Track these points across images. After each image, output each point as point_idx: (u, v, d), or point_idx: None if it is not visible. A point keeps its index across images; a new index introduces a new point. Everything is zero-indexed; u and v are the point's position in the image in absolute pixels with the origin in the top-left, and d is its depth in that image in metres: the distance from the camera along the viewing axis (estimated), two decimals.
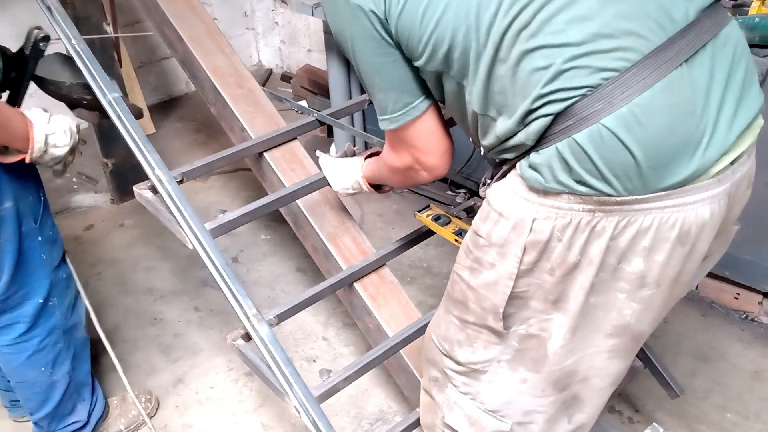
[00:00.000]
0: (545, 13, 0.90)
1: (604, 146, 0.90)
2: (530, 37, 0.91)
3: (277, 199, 1.68)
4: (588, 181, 0.92)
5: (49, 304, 1.63)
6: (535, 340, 1.10)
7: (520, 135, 0.97)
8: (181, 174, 1.62)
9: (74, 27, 1.69)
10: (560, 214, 0.96)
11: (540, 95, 0.92)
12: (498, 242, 1.03)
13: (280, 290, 2.47)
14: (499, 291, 1.05)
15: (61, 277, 1.66)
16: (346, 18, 1.04)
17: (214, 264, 1.51)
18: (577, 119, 0.91)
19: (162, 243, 2.71)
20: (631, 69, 0.90)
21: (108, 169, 2.89)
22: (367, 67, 1.09)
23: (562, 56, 0.90)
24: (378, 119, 1.16)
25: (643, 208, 0.94)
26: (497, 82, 0.96)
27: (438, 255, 2.59)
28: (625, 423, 1.92)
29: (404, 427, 1.53)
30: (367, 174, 1.48)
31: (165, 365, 2.17)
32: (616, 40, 0.90)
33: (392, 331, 1.66)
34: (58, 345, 1.69)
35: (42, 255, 1.59)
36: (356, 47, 1.07)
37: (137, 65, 3.59)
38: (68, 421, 1.79)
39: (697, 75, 0.93)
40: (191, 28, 1.98)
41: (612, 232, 0.96)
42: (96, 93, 1.62)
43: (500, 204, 1.02)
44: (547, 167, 0.95)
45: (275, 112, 1.97)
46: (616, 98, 0.89)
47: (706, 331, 2.21)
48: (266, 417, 1.98)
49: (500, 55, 0.94)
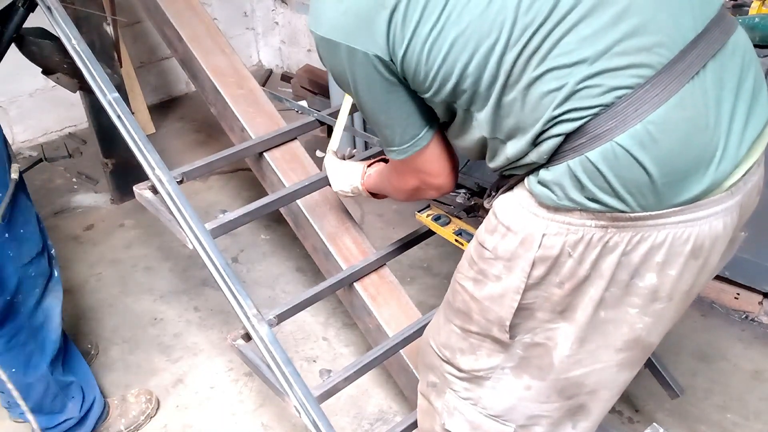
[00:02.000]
0: (555, 35, 0.88)
1: (618, 164, 0.89)
2: (541, 60, 0.89)
3: (277, 199, 1.68)
4: (601, 198, 0.91)
5: (14, 302, 1.58)
6: (541, 349, 1.08)
7: (532, 155, 0.95)
8: (181, 174, 1.62)
9: (74, 27, 1.69)
10: (571, 229, 0.95)
11: (552, 117, 0.90)
12: (505, 256, 1.01)
13: (280, 290, 2.47)
14: (505, 304, 1.04)
15: (30, 275, 1.61)
16: (347, 63, 1.01)
17: (214, 264, 1.51)
18: (590, 137, 0.90)
19: (162, 243, 2.71)
20: (644, 86, 0.88)
21: (108, 169, 2.88)
22: (372, 107, 1.07)
23: (575, 76, 0.88)
24: (384, 149, 1.15)
25: (657, 224, 0.93)
26: (507, 107, 0.94)
27: (438, 255, 2.59)
28: (625, 423, 1.92)
29: (404, 427, 1.53)
30: (369, 185, 1.48)
31: (165, 365, 2.17)
32: (629, 57, 0.88)
33: (392, 331, 1.66)
34: (27, 347, 1.63)
35: (9, 252, 1.54)
36: (360, 89, 1.04)
37: (137, 65, 3.58)
38: (60, 419, 1.77)
39: (708, 87, 0.92)
40: (191, 28, 1.98)
41: (624, 247, 0.95)
42: (96, 93, 1.62)
43: (508, 218, 1.00)
44: (558, 185, 0.93)
45: (275, 112, 1.97)
46: (630, 116, 0.88)
47: (706, 331, 2.20)
48: (266, 417, 1.98)
49: (510, 81, 0.92)
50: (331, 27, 0.99)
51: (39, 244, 1.65)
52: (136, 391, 1.99)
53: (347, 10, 0.97)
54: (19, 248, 1.58)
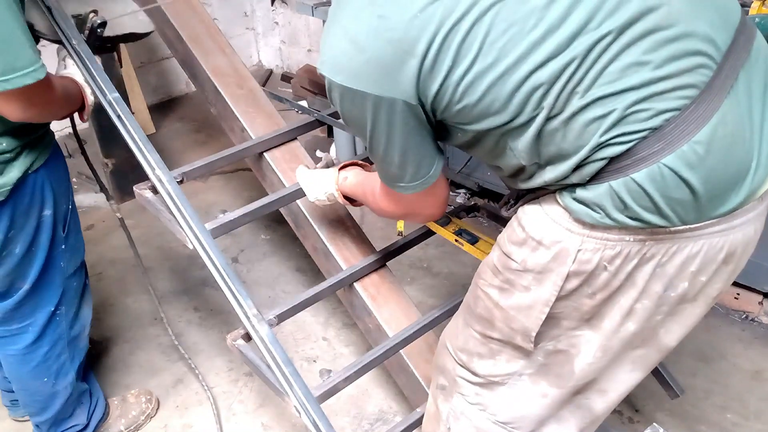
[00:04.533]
0: (598, 66, 0.87)
1: (665, 184, 0.89)
2: (585, 92, 0.88)
3: (277, 200, 1.68)
4: (644, 217, 0.91)
5: (57, 313, 1.61)
6: (562, 356, 1.08)
7: (573, 177, 0.94)
8: (181, 174, 1.62)
9: (74, 27, 1.69)
10: (609, 245, 0.94)
11: (599, 143, 0.89)
12: (535, 269, 1.00)
13: (280, 290, 2.47)
14: (532, 315, 1.02)
15: (72, 286, 1.64)
16: (371, 111, 0.96)
17: (214, 264, 1.51)
18: (635, 159, 0.89)
19: (162, 243, 2.71)
20: (690, 106, 0.88)
21: (108, 169, 2.88)
22: (387, 149, 1.02)
23: (624, 102, 0.87)
24: (386, 183, 1.12)
25: (694, 235, 0.94)
26: (548, 136, 0.92)
27: (438, 255, 2.59)
28: (625, 423, 1.92)
29: (404, 427, 1.52)
30: (345, 191, 1.44)
31: (165, 365, 2.17)
32: (674, 80, 0.88)
33: (392, 331, 1.66)
34: (62, 357, 1.66)
35: (61, 263, 1.57)
36: (378, 133, 0.99)
37: (137, 65, 3.58)
38: (68, 424, 1.78)
39: (741, 98, 0.92)
40: (191, 28, 1.98)
41: (660, 258, 0.95)
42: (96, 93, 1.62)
43: (539, 232, 0.99)
44: (598, 204, 0.92)
45: (275, 113, 1.97)
46: (677, 137, 0.87)
47: (706, 331, 2.20)
48: (266, 417, 1.98)
49: (553, 113, 0.90)
50: (353, 76, 0.93)
51: (83, 254, 1.67)
52: (136, 391, 1.99)
53: (370, 59, 0.91)
54: (69, 260, 1.60)
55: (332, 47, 0.95)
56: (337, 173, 1.47)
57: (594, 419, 1.20)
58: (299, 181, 1.58)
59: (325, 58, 0.96)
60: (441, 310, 1.64)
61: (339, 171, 1.47)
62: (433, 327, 1.64)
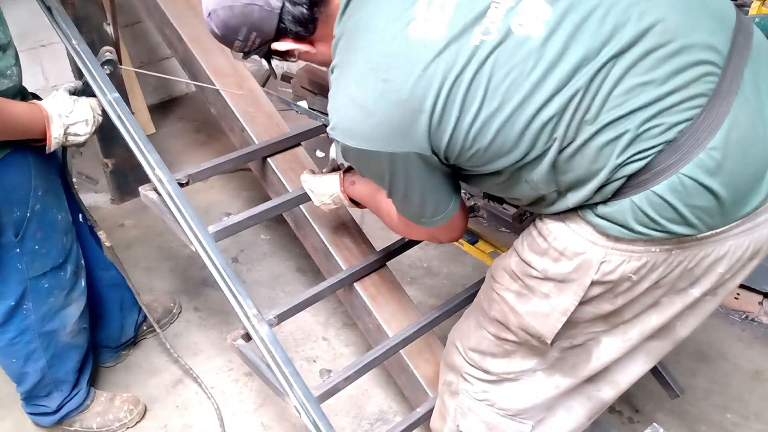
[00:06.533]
0: (603, 93, 0.89)
1: (687, 194, 0.90)
2: (594, 119, 0.89)
3: (281, 204, 1.69)
4: (670, 228, 0.92)
5: (22, 307, 1.66)
6: (579, 349, 1.09)
7: (595, 198, 0.95)
8: (186, 176, 1.63)
9: (74, 27, 1.69)
10: (634, 256, 0.95)
11: (616, 165, 0.91)
12: (556, 278, 1.01)
13: (280, 290, 2.47)
14: (549, 323, 1.03)
15: (42, 286, 1.67)
16: (387, 166, 0.99)
17: (214, 264, 1.51)
18: (654, 173, 0.90)
19: (162, 243, 2.71)
20: (701, 115, 0.89)
21: (108, 169, 2.88)
22: (406, 193, 1.05)
23: (635, 122, 0.89)
24: (405, 216, 1.14)
25: (720, 239, 0.95)
26: (563, 165, 0.93)
27: (438, 255, 2.59)
28: (625, 423, 1.92)
29: (404, 427, 1.52)
30: (353, 196, 1.46)
31: (165, 365, 2.17)
32: (681, 93, 0.89)
33: (392, 331, 1.66)
34: (31, 344, 1.73)
35: (18, 265, 1.60)
36: (396, 182, 1.02)
37: (137, 65, 3.58)
38: (39, 402, 1.85)
39: (750, 96, 0.92)
40: (191, 28, 1.98)
41: (687, 264, 0.96)
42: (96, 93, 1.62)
43: (561, 243, 0.99)
44: (621, 219, 0.93)
45: (275, 113, 1.97)
46: (692, 146, 0.88)
47: (706, 331, 2.20)
48: (266, 417, 1.98)
49: (565, 142, 0.91)
50: (366, 139, 0.96)
51: (58, 259, 1.69)
52: (128, 396, 1.99)
53: (381, 122, 0.94)
54: (31, 263, 1.63)
55: (341, 115, 0.98)
56: (342, 176, 1.48)
57: (602, 407, 1.21)
58: (305, 188, 1.59)
59: (335, 125, 0.99)
60: (441, 310, 1.64)
61: (344, 174, 1.48)
62: (433, 327, 1.64)
